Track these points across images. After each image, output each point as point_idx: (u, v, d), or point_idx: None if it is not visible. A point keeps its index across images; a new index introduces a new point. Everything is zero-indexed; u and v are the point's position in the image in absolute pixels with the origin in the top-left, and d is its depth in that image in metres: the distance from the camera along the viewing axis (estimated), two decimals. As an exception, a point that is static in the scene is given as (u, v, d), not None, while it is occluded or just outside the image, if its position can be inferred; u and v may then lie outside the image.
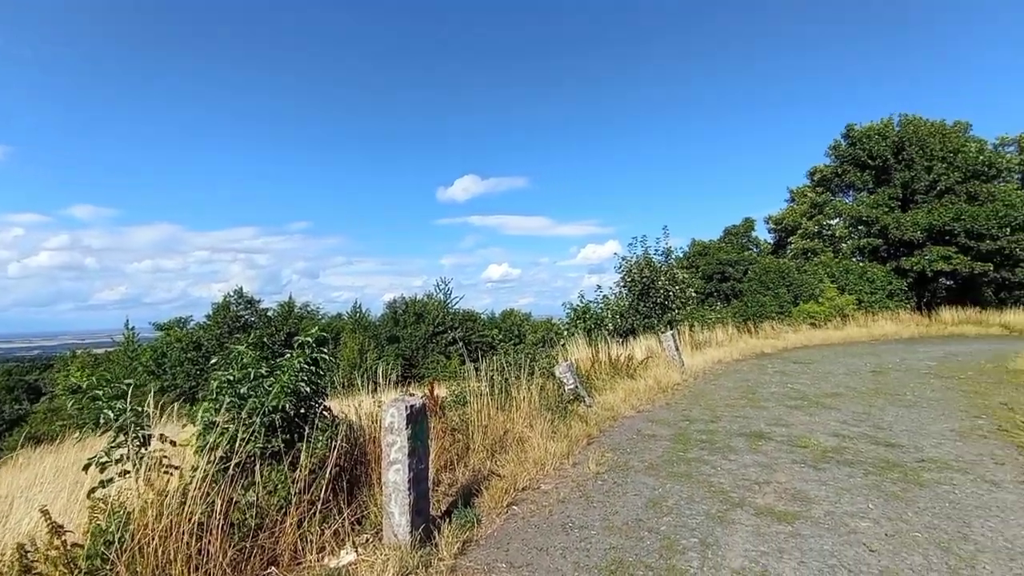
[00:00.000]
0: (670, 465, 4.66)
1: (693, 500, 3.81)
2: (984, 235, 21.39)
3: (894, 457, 4.65)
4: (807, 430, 5.70)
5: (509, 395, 5.63)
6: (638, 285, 13.53)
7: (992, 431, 5.43)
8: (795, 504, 3.68)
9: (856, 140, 25.06)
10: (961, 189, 22.67)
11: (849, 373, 9.83)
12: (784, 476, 4.28)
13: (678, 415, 6.69)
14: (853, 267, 22.36)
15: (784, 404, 7.16)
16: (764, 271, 20.78)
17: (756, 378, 9.66)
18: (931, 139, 23.25)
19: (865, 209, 23.69)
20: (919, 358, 11.79)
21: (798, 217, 26.97)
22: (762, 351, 14.28)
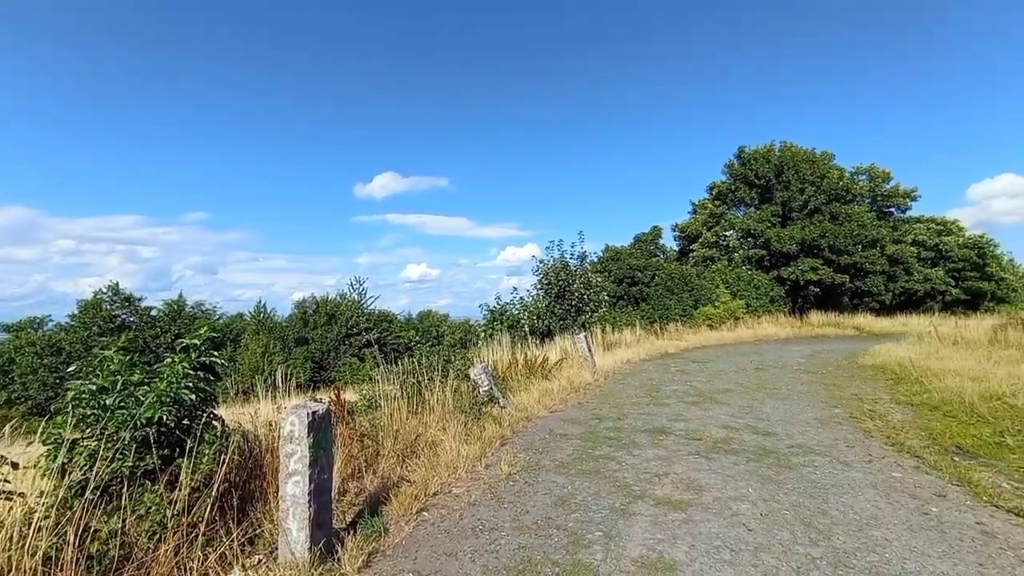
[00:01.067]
0: (579, 463, 4.83)
1: (599, 495, 3.97)
2: (843, 251, 24.91)
3: (770, 444, 5.22)
4: (702, 424, 6.21)
5: (423, 398, 5.51)
6: (554, 288, 13.95)
7: (845, 419, 6.30)
8: (689, 493, 3.98)
9: (746, 161, 27.97)
10: (826, 209, 26.19)
11: (738, 371, 10.88)
12: (681, 467, 4.61)
13: (589, 414, 6.97)
14: (743, 275, 24.89)
15: (683, 400, 7.74)
16: (669, 277, 22.42)
17: (660, 377, 10.37)
18: (804, 165, 26.61)
19: (752, 223, 26.50)
20: (793, 356, 13.37)
21: (699, 227, 29.50)
22: (666, 351, 15.37)
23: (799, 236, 25.17)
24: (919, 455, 4.76)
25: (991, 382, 6.93)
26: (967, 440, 5.15)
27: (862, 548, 3.02)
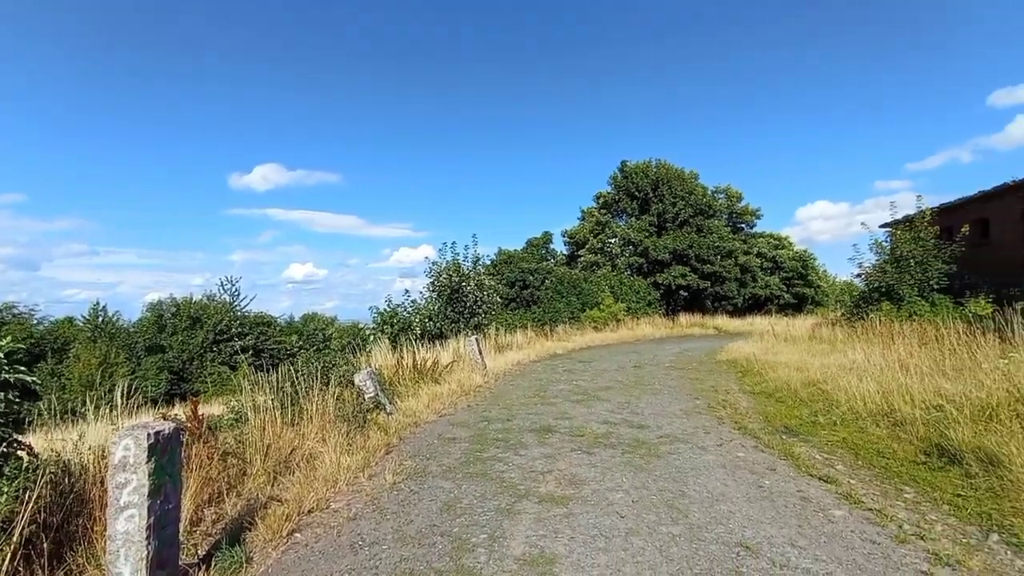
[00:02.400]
0: (467, 466, 4.81)
1: (485, 497, 3.99)
2: (706, 260, 28.28)
3: (643, 436, 5.69)
4: (585, 421, 6.57)
5: (300, 408, 5.08)
6: (447, 290, 13.86)
7: (704, 408, 7.11)
8: (571, 488, 4.17)
9: (628, 174, 30.49)
10: (693, 223, 29.56)
11: (618, 369, 11.75)
12: (564, 464, 4.82)
13: (478, 416, 7.00)
14: (625, 280, 27.03)
15: (569, 399, 8.14)
16: (559, 281, 23.55)
17: (548, 377, 10.80)
18: (676, 181, 29.77)
19: (633, 232, 28.95)
20: (665, 354, 14.82)
21: (587, 234, 31.43)
22: (555, 352, 16.08)
23: (672, 245, 28.07)
24: (757, 436, 5.53)
25: (809, 371, 8.31)
26: (792, 421, 6.11)
27: (712, 522, 3.40)
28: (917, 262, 13.01)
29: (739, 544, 3.08)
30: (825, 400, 6.75)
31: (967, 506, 3.48)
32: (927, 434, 4.71)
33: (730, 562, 2.88)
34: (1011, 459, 3.67)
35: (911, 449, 4.67)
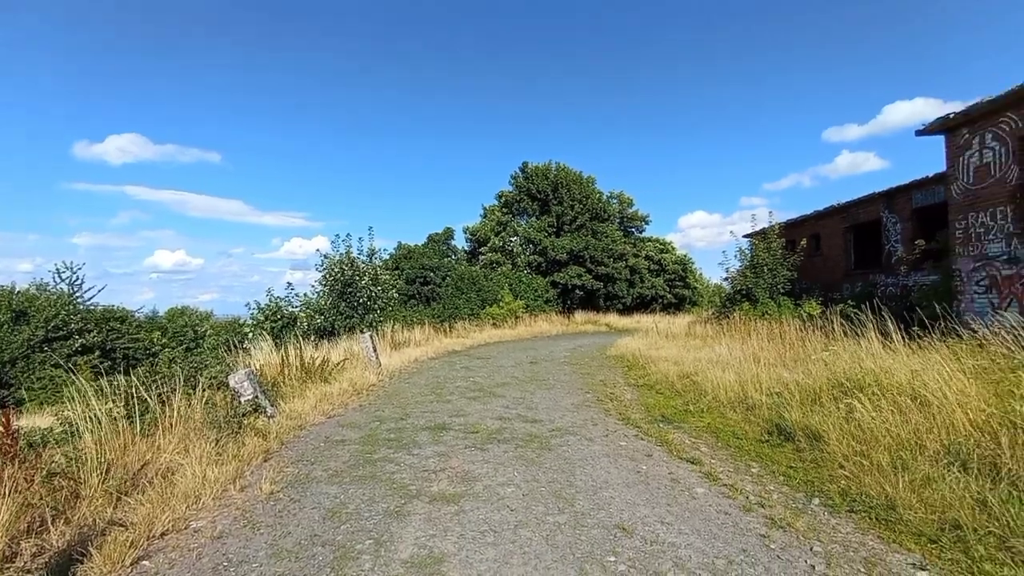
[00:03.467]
0: (355, 469, 4.58)
1: (374, 500, 3.82)
2: (600, 261, 30.09)
3: (536, 430, 5.87)
4: (480, 417, 6.61)
5: (156, 416, 4.44)
6: (340, 284, 13.09)
7: (593, 402, 7.55)
8: (463, 485, 4.15)
9: (529, 175, 31.32)
10: (589, 226, 31.25)
11: (515, 365, 12.02)
12: (458, 461, 4.79)
13: (370, 416, 6.71)
14: (524, 278, 27.75)
15: (465, 396, 8.13)
16: (460, 277, 23.48)
17: (446, 374, 10.71)
18: (574, 184, 31.23)
19: (533, 232, 29.83)
20: (560, 350, 15.49)
21: (488, 232, 31.69)
22: (453, 349, 16.00)
23: (569, 246, 29.42)
24: (639, 425, 5.99)
25: (684, 365, 9.23)
26: (668, 410, 6.73)
27: (595, 508, 3.61)
28: (769, 269, 15.11)
29: (617, 526, 3.30)
30: (696, 390, 7.53)
31: (796, 476, 4.09)
32: (770, 416, 5.46)
33: (608, 544, 3.07)
34: (828, 435, 4.40)
35: (758, 430, 5.38)
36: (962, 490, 3.22)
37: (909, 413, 4.37)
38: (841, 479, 3.84)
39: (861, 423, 4.41)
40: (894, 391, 4.83)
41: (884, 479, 3.57)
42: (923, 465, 3.62)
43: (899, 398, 4.65)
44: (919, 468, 3.59)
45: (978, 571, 2.57)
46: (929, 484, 3.38)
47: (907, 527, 3.07)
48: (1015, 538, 2.71)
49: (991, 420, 3.90)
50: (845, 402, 4.91)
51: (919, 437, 4.01)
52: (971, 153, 8.53)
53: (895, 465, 3.69)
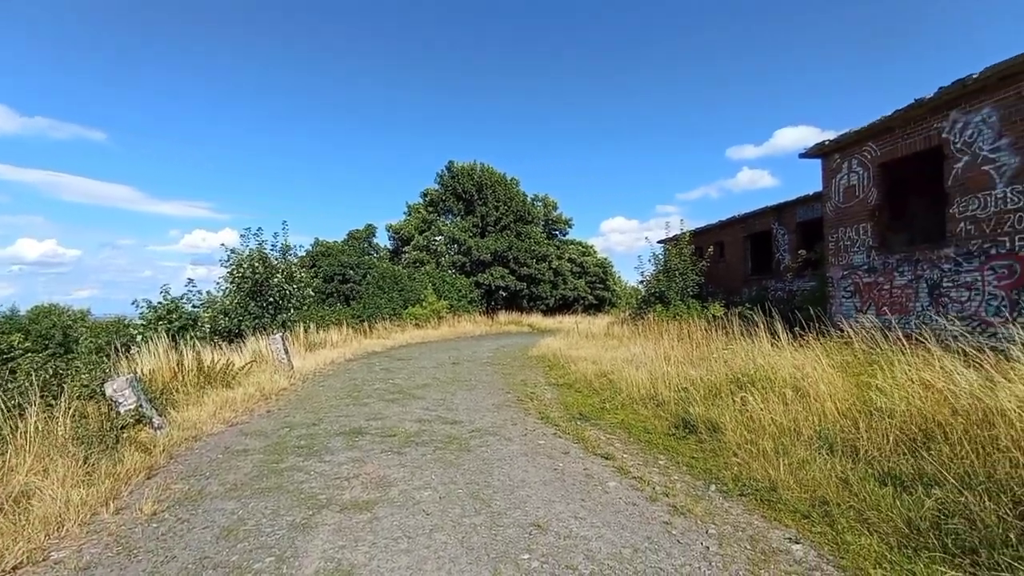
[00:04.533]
0: (258, 480, 4.24)
1: (278, 514, 3.56)
2: (523, 263, 30.58)
3: (456, 432, 5.81)
4: (399, 420, 6.41)
5: (2, 433, 3.81)
6: (249, 282, 12.11)
7: (514, 401, 7.63)
8: (377, 491, 3.99)
9: (455, 174, 31.11)
10: (513, 227, 31.68)
11: (437, 366, 11.84)
12: (373, 466, 4.61)
13: (279, 423, 6.26)
14: (448, 278, 27.48)
15: (384, 399, 7.86)
16: (382, 276, 22.72)
17: (364, 376, 10.29)
18: (499, 186, 31.50)
19: (457, 232, 29.65)
20: (483, 351, 15.50)
21: (412, 230, 31.02)
22: (373, 350, 15.44)
23: (493, 247, 29.60)
24: (557, 424, 6.14)
25: (602, 364, 9.63)
26: (586, 408, 6.97)
27: (511, 507, 3.63)
28: (680, 273, 16.25)
29: (533, 524, 3.34)
30: (612, 388, 7.87)
31: (698, 465, 4.41)
32: (677, 411, 5.85)
33: (523, 542, 3.10)
34: (725, 426, 4.80)
35: (667, 424, 5.74)
36: (828, 470, 3.65)
37: (791, 404, 4.89)
38: (734, 466, 4.19)
39: (752, 414, 4.86)
40: (779, 384, 5.38)
41: (768, 464, 3.95)
42: (800, 450, 4.06)
43: (783, 390, 5.18)
44: (796, 452, 4.02)
45: (840, 541, 2.93)
46: (804, 466, 3.80)
47: (785, 506, 3.42)
48: (869, 511, 3.12)
49: (852, 408, 4.48)
50: (740, 396, 5.38)
51: (797, 425, 4.49)
52: (841, 176, 9.77)
53: (777, 451, 4.11)
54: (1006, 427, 3.22)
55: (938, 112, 7.77)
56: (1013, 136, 6.76)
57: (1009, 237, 6.84)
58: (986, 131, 7.11)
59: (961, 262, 7.50)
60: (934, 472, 3.22)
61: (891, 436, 3.85)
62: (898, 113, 8.26)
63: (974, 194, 7.28)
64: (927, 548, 2.71)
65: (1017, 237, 6.74)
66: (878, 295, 8.95)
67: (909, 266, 8.37)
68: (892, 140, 8.65)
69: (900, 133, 8.48)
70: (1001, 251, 6.95)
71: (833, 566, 2.73)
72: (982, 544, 2.55)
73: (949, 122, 7.61)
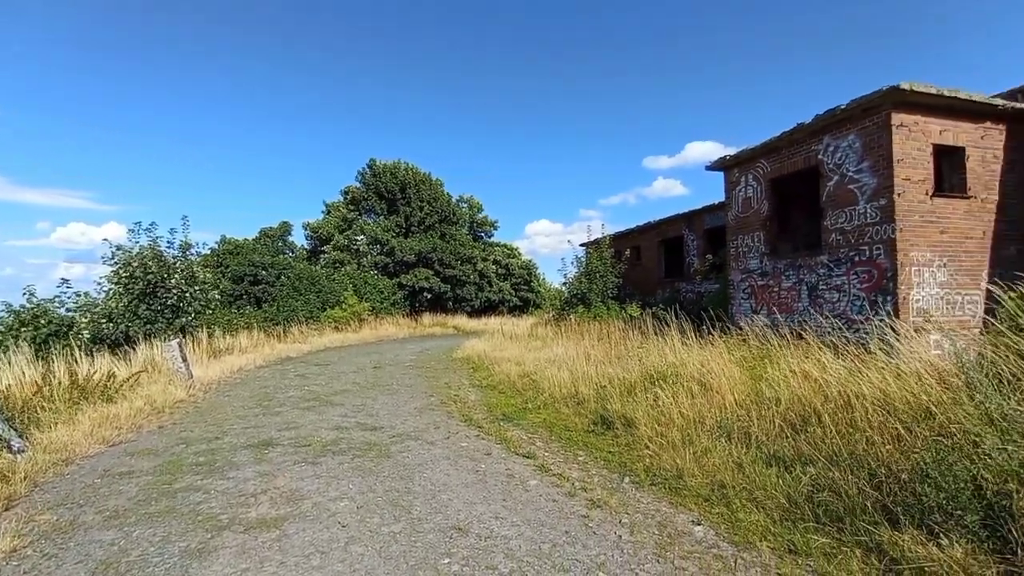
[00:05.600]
0: (146, 505, 3.80)
1: (168, 541, 3.21)
2: (448, 264, 30.33)
3: (376, 438, 5.62)
4: (314, 429, 6.07)
5: None
6: (140, 283, 10.84)
7: (437, 404, 7.53)
8: (288, 506, 3.75)
9: (377, 173, 30.15)
10: (438, 228, 31.32)
11: (358, 371, 11.38)
12: (284, 480, 4.32)
13: (174, 439, 5.67)
14: (370, 279, 26.53)
15: (299, 407, 7.41)
16: (298, 277, 21.39)
17: (276, 383, 9.63)
18: (423, 186, 31.01)
19: (380, 232, 28.74)
20: (406, 353, 15.14)
21: (332, 229, 29.58)
22: (288, 355, 14.50)
23: (417, 248, 29.05)
24: (480, 425, 6.16)
25: (525, 365, 9.81)
26: (509, 409, 7.05)
27: (432, 512, 3.58)
28: (600, 276, 16.98)
29: (453, 527, 3.32)
30: (535, 388, 8.04)
31: (614, 459, 4.64)
32: (596, 408, 6.11)
33: (443, 546, 3.06)
34: (639, 421, 5.09)
35: (586, 421, 5.97)
36: (726, 456, 4.00)
37: (697, 397, 5.30)
38: (647, 457, 4.46)
39: (663, 408, 5.20)
40: (687, 380, 5.80)
41: (676, 454, 4.25)
42: (703, 439, 4.41)
43: (690, 385, 5.60)
44: (700, 442, 4.36)
45: (734, 519, 3.22)
46: (706, 454, 4.13)
47: (690, 491, 3.70)
48: (758, 490, 3.46)
49: (747, 399, 4.95)
50: (652, 391, 5.73)
51: (702, 416, 4.88)
52: (740, 188, 10.78)
53: (684, 441, 4.43)
54: (863, 410, 3.73)
55: (815, 136, 8.83)
56: (872, 160, 7.87)
57: (869, 247, 7.94)
58: (851, 155, 8.20)
59: (833, 268, 8.57)
60: (810, 452, 3.65)
61: (777, 422, 4.30)
62: (784, 135, 9.28)
63: (842, 209, 8.36)
64: (803, 519, 3.06)
65: (874, 247, 7.85)
66: (769, 296, 9.98)
67: (793, 271, 9.42)
68: (780, 158, 9.70)
69: (786, 152, 9.53)
70: (863, 258, 8.05)
71: (727, 542, 3.00)
72: (846, 513, 2.93)
73: (823, 145, 8.69)
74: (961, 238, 7.91)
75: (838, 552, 2.73)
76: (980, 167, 8.09)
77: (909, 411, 3.48)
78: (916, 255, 7.61)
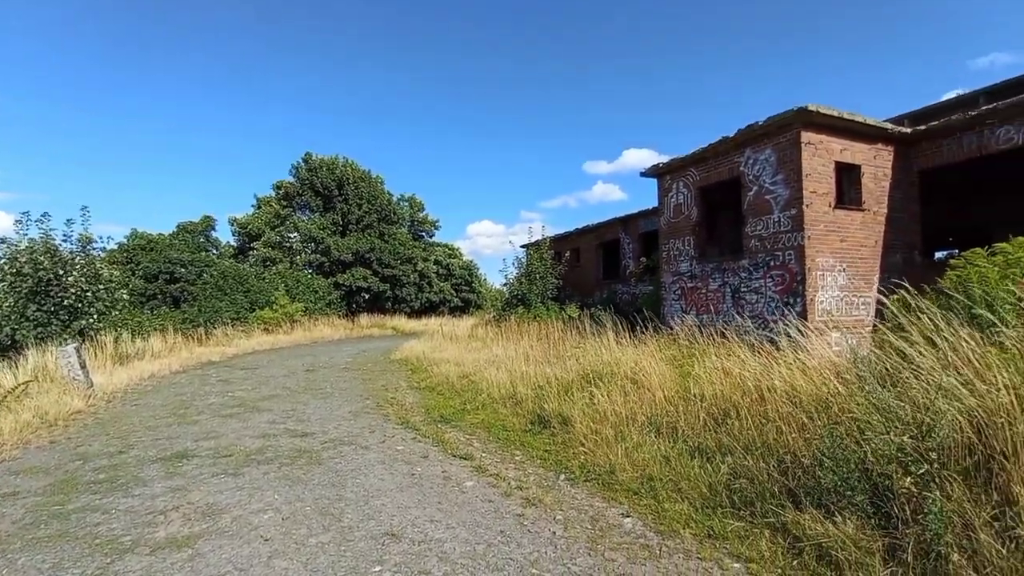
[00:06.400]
0: (34, 529, 3.39)
1: (60, 568, 2.88)
2: (387, 264, 29.58)
3: (306, 444, 5.36)
4: (237, 438, 5.69)
5: None
6: (28, 280, 9.64)
7: (373, 408, 7.31)
8: (203, 522, 3.48)
9: (313, 168, 28.82)
10: (377, 227, 30.45)
11: (289, 374, 10.80)
12: (200, 494, 4.01)
13: (68, 454, 5.10)
14: (304, 278, 25.31)
15: (220, 414, 6.92)
16: (222, 275, 19.96)
17: (195, 390, 8.93)
18: (362, 183, 30.03)
19: (315, 229, 27.50)
20: (342, 356, 14.58)
21: (263, 225, 27.89)
22: (210, 360, 13.50)
23: (355, 247, 28.07)
24: (418, 428, 6.04)
25: (465, 366, 9.75)
26: (447, 410, 6.97)
27: (364, 519, 3.46)
28: (541, 277, 17.24)
29: (386, 533, 3.23)
30: (474, 389, 8.01)
31: (550, 457, 4.72)
32: (533, 408, 6.18)
33: (375, 553, 2.97)
34: (575, 419, 5.21)
35: (524, 421, 6.03)
36: (655, 450, 4.20)
37: (630, 394, 5.51)
38: (582, 455, 4.58)
39: (598, 406, 5.36)
40: (621, 378, 6.02)
41: (609, 450, 4.40)
42: (634, 435, 4.60)
43: (624, 383, 5.82)
44: (632, 437, 4.54)
45: (660, 510, 3.38)
46: (637, 449, 4.31)
47: (621, 486, 3.84)
48: (682, 481, 3.66)
49: (676, 395, 5.22)
50: (588, 390, 5.90)
51: (634, 413, 5.08)
52: (672, 195, 11.36)
53: (617, 437, 4.59)
54: (774, 403, 4.05)
55: (738, 148, 9.50)
56: (785, 173, 8.58)
57: (782, 252, 8.65)
58: (768, 168, 8.90)
59: (752, 271, 9.25)
60: (729, 443, 3.91)
61: (702, 416, 4.57)
62: (711, 146, 9.89)
63: (760, 217, 9.05)
64: (721, 506, 3.27)
65: (787, 252, 8.56)
66: (698, 298, 10.59)
67: (719, 274, 10.07)
68: (708, 168, 10.33)
69: (713, 163, 10.17)
70: (777, 263, 8.75)
71: (654, 532, 3.14)
72: (757, 497, 3.17)
73: (744, 157, 9.36)
74: (857, 246, 8.81)
75: (750, 534, 2.94)
76: (873, 183, 9.06)
77: (812, 403, 3.83)
78: (821, 260, 8.38)
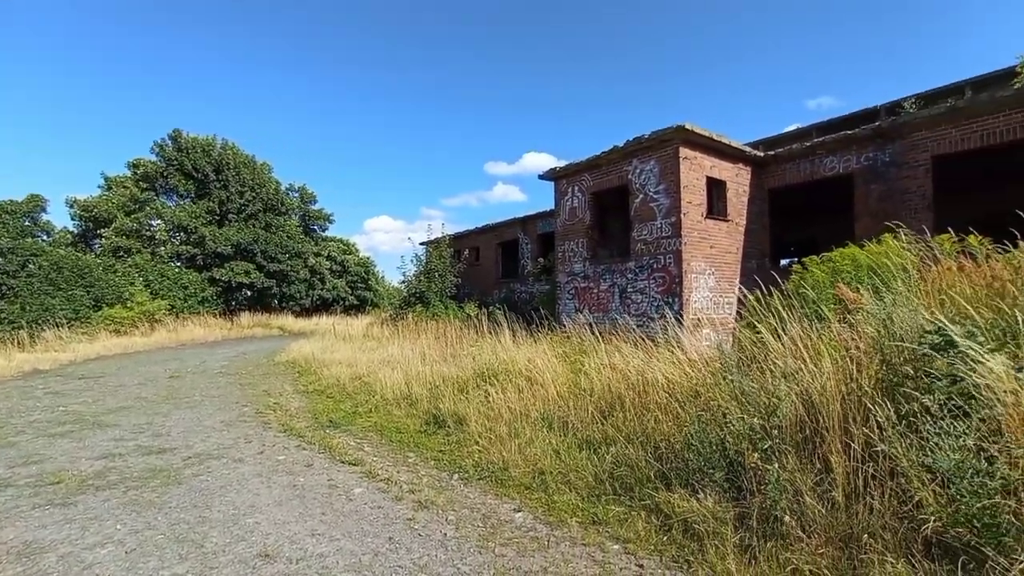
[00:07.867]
0: None
1: None
2: (273, 258, 27.17)
3: (162, 463, 4.67)
4: (69, 460, 4.79)
5: None
6: None
7: (252, 415, 6.63)
8: (18, 564, 2.86)
9: (183, 147, 25.42)
10: (262, 217, 27.79)
11: (145, 382, 9.40)
12: (15, 531, 3.29)
13: None
14: (170, 272, 22.25)
15: (48, 433, 5.78)
16: (56, 267, 16.74)
17: (13, 405, 7.37)
18: (245, 169, 27.20)
19: (186, 217, 24.31)
20: (217, 359, 13.05)
21: (114, 209, 23.93)
22: (36, 368, 11.28)
23: (235, 238, 25.33)
24: (302, 435, 5.59)
25: (358, 367, 9.27)
26: (337, 414, 6.56)
27: (233, 541, 3.10)
28: (440, 275, 17.00)
29: (259, 555, 2.92)
30: (367, 391, 7.64)
31: (444, 458, 4.65)
32: (429, 408, 6.06)
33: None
34: (470, 418, 5.20)
35: (419, 422, 5.88)
36: (546, 445, 4.33)
37: (524, 391, 5.62)
38: (476, 453, 4.57)
39: (493, 404, 5.40)
40: (516, 375, 6.13)
41: (503, 447, 4.45)
42: (527, 430, 4.70)
43: (518, 381, 5.93)
44: (525, 433, 4.64)
45: (550, 502, 3.49)
46: (530, 444, 4.41)
47: (513, 481, 3.90)
48: (571, 472, 3.82)
49: (567, 391, 5.44)
50: (484, 388, 5.92)
51: (527, 409, 5.20)
52: (568, 198, 11.88)
53: (511, 434, 4.66)
54: (654, 394, 4.40)
55: (627, 158, 10.22)
56: (667, 184, 9.42)
57: (663, 256, 9.49)
58: (652, 178, 9.70)
59: (638, 273, 10.02)
60: (614, 434, 4.16)
61: (591, 409, 4.81)
62: (603, 154, 10.52)
63: (645, 223, 9.83)
64: (605, 493, 3.47)
65: (667, 256, 9.41)
66: (590, 297, 11.20)
67: (609, 275, 10.74)
68: (600, 174, 10.97)
69: (605, 170, 10.82)
70: (659, 266, 9.58)
71: (544, 524, 3.23)
72: (636, 483, 3.41)
73: (632, 167, 10.10)
74: (723, 252, 9.97)
75: (629, 517, 3.15)
76: (735, 197, 10.31)
77: (685, 393, 4.22)
78: (695, 264, 9.34)
